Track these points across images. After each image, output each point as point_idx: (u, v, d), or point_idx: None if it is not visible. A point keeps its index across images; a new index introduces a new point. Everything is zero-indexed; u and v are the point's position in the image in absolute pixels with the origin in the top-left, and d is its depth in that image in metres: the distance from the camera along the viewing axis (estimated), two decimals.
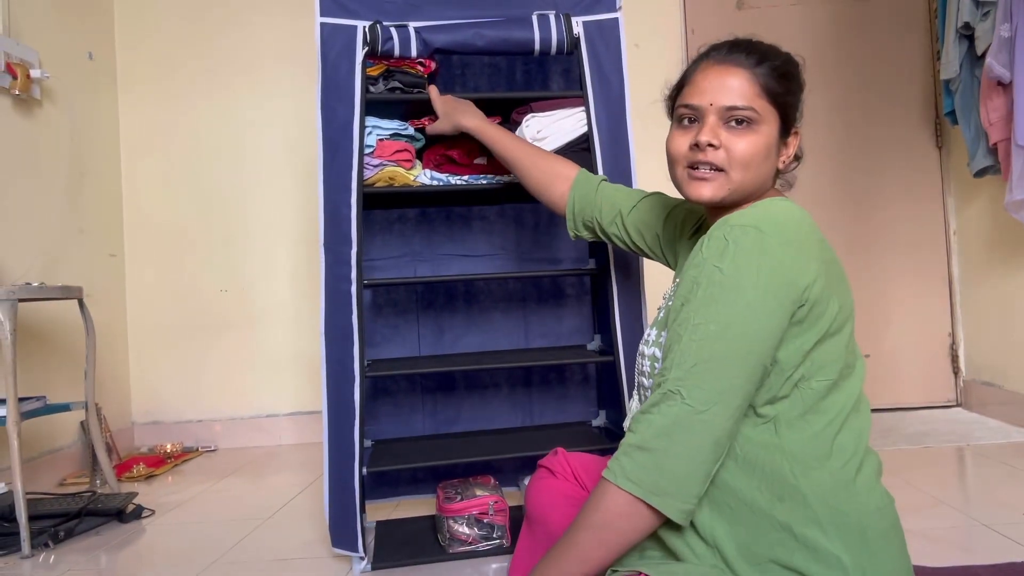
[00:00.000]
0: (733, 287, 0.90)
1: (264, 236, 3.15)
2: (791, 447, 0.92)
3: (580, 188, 1.47)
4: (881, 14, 3.14)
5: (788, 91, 1.02)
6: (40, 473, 2.44)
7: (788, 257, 0.91)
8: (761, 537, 0.92)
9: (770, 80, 1.00)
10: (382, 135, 1.72)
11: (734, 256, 0.90)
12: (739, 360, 0.89)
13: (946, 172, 3.13)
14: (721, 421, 0.88)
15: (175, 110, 3.14)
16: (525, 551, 1.24)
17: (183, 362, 3.12)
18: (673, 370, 0.91)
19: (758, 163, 1.01)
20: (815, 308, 0.92)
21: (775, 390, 0.93)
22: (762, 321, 0.89)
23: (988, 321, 2.92)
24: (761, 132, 1.00)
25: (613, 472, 0.91)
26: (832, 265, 0.96)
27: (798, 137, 1.06)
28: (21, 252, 2.46)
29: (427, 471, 2.01)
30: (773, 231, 0.92)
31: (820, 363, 0.93)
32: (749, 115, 0.99)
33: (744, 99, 0.99)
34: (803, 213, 0.98)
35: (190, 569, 1.70)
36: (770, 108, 1.01)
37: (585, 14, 1.72)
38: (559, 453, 1.33)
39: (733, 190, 1.02)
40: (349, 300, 1.62)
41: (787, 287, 0.90)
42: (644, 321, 1.74)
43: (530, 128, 1.74)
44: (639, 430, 0.91)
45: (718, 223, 0.97)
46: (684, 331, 0.91)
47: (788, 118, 1.03)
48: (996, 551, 1.56)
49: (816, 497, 0.91)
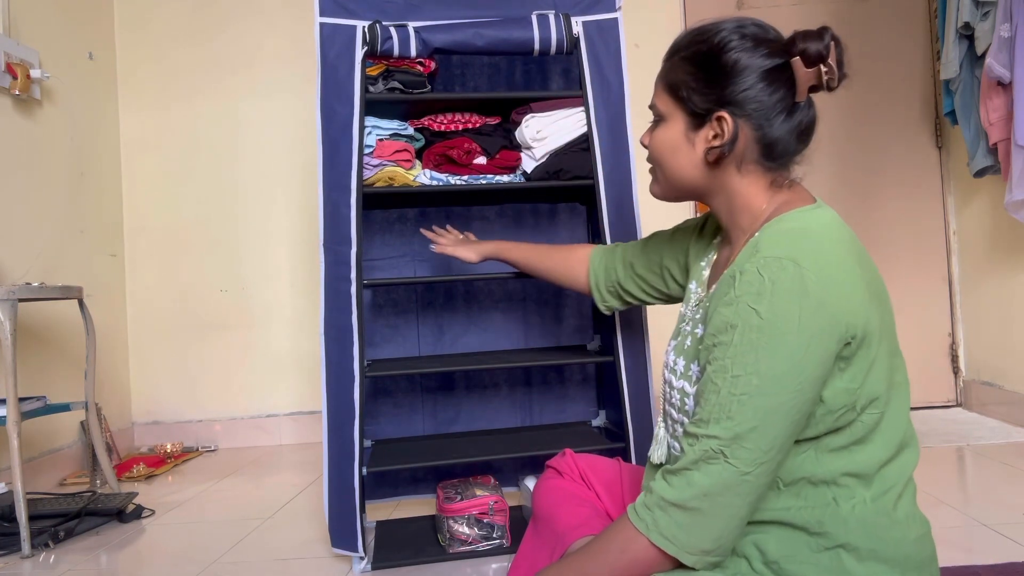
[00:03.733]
0: (773, 334, 0.82)
1: (264, 236, 3.15)
2: (833, 474, 0.89)
3: (596, 261, 1.45)
4: (881, 14, 3.15)
5: (686, 78, 0.96)
6: (40, 473, 2.44)
7: (831, 294, 0.83)
8: (794, 555, 0.89)
9: (671, 73, 0.98)
10: (382, 135, 1.72)
11: (772, 297, 0.83)
12: (784, 415, 0.83)
13: (946, 172, 3.13)
14: (766, 479, 0.85)
15: (175, 110, 3.14)
16: (529, 549, 1.24)
17: (183, 362, 3.12)
18: (711, 425, 0.84)
19: (666, 158, 1.01)
20: (865, 342, 0.86)
21: (823, 427, 0.88)
22: (808, 370, 0.82)
23: (988, 321, 2.92)
24: (665, 127, 1.00)
25: (644, 523, 0.87)
26: (873, 282, 0.91)
27: (723, 122, 0.94)
28: (21, 252, 2.46)
29: (427, 471, 2.01)
30: (812, 263, 0.84)
31: (870, 395, 0.88)
32: (656, 112, 1.01)
33: (653, 97, 1.02)
34: (839, 227, 0.91)
35: (190, 569, 1.70)
36: (670, 101, 0.99)
37: (585, 14, 1.72)
38: (567, 454, 1.33)
39: (664, 186, 1.05)
40: (349, 300, 1.62)
41: (832, 328, 0.83)
42: (644, 321, 1.74)
43: (530, 128, 1.74)
44: (679, 487, 0.85)
45: (747, 249, 0.90)
46: (722, 382, 0.85)
47: (697, 108, 0.95)
48: (996, 551, 1.56)
49: (856, 523, 0.88)
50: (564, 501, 1.21)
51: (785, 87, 0.93)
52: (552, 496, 1.24)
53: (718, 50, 0.94)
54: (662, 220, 1.90)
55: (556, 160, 1.75)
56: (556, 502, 1.21)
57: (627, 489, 1.24)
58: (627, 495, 1.23)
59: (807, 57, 0.92)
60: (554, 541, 1.14)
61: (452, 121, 1.80)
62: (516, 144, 1.80)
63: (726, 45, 0.94)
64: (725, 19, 0.97)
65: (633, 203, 1.74)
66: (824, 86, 0.93)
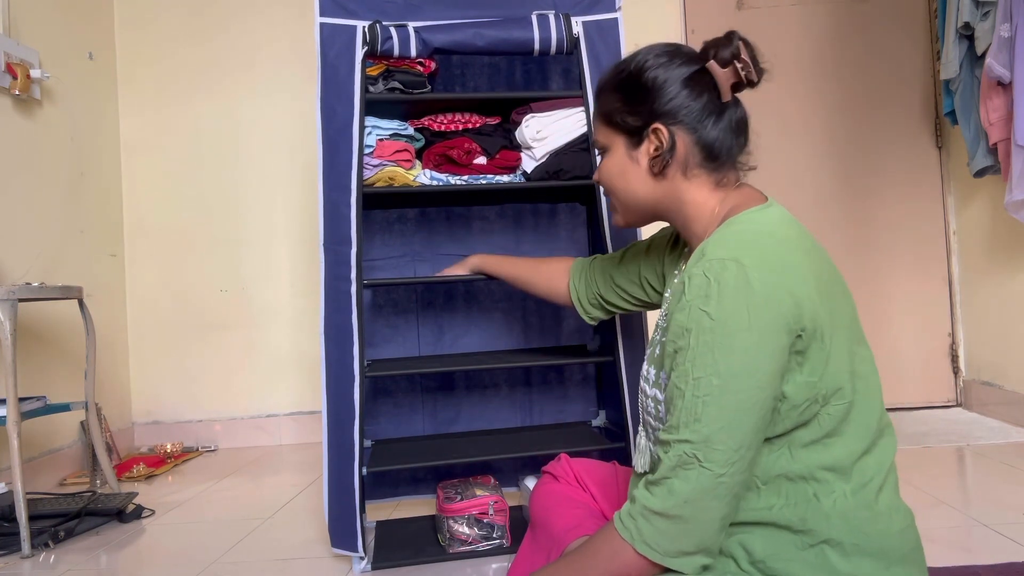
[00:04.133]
0: (725, 333, 0.85)
1: (264, 236, 3.15)
2: (810, 469, 0.90)
3: (576, 274, 1.47)
4: (881, 14, 3.14)
5: (623, 104, 1.03)
6: (40, 473, 2.44)
7: (775, 288, 0.86)
8: (779, 553, 0.90)
9: (603, 105, 1.06)
10: (382, 135, 1.72)
11: (719, 297, 0.85)
12: (748, 412, 0.85)
13: (946, 172, 3.13)
14: (740, 477, 0.86)
15: (175, 110, 3.14)
16: (527, 553, 1.24)
17: (183, 362, 3.12)
18: (682, 429, 0.86)
19: (616, 184, 1.07)
20: (816, 334, 0.88)
21: (790, 423, 0.89)
22: (764, 365, 0.85)
23: (988, 321, 2.92)
24: (610, 155, 1.07)
25: (629, 532, 0.89)
26: (824, 274, 0.92)
27: (660, 131, 0.99)
28: (21, 252, 2.46)
29: (427, 471, 2.01)
30: (754, 261, 0.87)
31: (832, 386, 0.90)
32: (599, 146, 1.08)
33: (595, 135, 1.10)
34: (785, 224, 0.94)
35: (190, 569, 1.70)
36: (608, 131, 1.06)
37: (585, 14, 1.72)
38: (562, 459, 1.34)
39: (623, 212, 1.10)
40: (349, 300, 1.62)
41: (781, 320, 0.85)
42: (644, 321, 1.75)
43: (530, 128, 1.74)
44: (660, 496, 0.87)
45: (696, 254, 0.93)
46: (685, 386, 0.87)
47: (632, 128, 1.02)
48: (996, 551, 1.56)
49: (839, 518, 0.89)
50: (559, 504, 1.21)
51: (708, 90, 0.99)
52: (548, 500, 1.24)
53: (637, 72, 1.01)
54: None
55: (556, 160, 1.75)
56: (552, 506, 1.22)
57: (623, 491, 1.24)
58: (623, 497, 1.23)
59: (720, 59, 0.97)
60: (550, 544, 1.15)
61: (452, 121, 1.80)
62: (516, 144, 1.80)
63: (643, 66, 1.01)
64: (639, 49, 1.04)
65: None
66: (745, 82, 0.98)
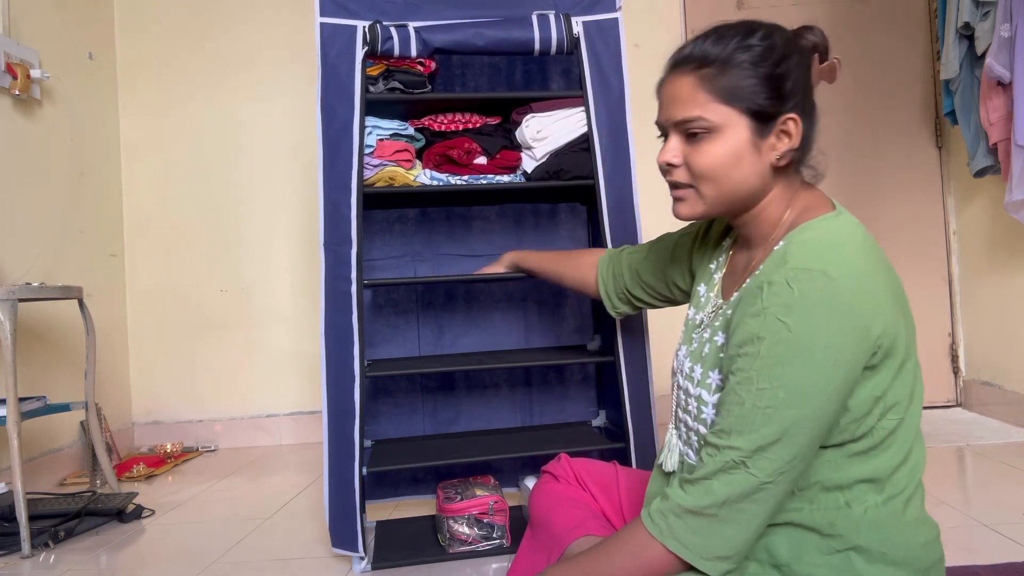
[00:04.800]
0: (803, 348, 0.81)
1: (264, 236, 3.15)
2: (849, 480, 0.89)
3: (604, 266, 1.43)
4: (881, 14, 3.14)
5: (758, 84, 0.89)
6: (40, 473, 2.44)
7: (862, 306, 0.82)
8: (804, 557, 0.89)
9: (722, 77, 0.89)
10: (382, 135, 1.72)
11: (801, 311, 0.81)
12: (810, 427, 0.82)
13: (946, 172, 3.13)
14: (785, 487, 0.85)
15: (175, 110, 3.14)
16: (527, 553, 1.24)
17: (183, 362, 3.12)
18: (733, 436, 0.84)
19: (727, 172, 0.91)
20: (892, 350, 0.86)
21: (846, 435, 0.87)
22: (835, 382, 0.82)
23: (988, 321, 2.92)
24: (723, 139, 0.90)
25: (659, 529, 0.87)
26: (897, 287, 0.89)
27: (795, 123, 0.91)
28: (21, 252, 2.46)
29: (427, 471, 2.01)
30: (843, 274, 0.82)
31: (892, 401, 0.88)
32: (702, 125, 0.90)
33: (693, 108, 0.90)
34: (864, 235, 0.89)
35: (190, 569, 1.70)
36: (727, 109, 0.89)
37: (585, 14, 1.72)
38: (562, 458, 1.33)
39: (711, 204, 0.94)
40: (349, 300, 1.62)
41: (862, 339, 0.82)
42: (644, 321, 1.74)
43: (530, 128, 1.74)
44: (696, 495, 0.85)
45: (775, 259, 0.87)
46: (746, 394, 0.83)
47: (763, 113, 0.90)
48: (996, 551, 1.56)
49: (869, 526, 0.87)
50: (559, 504, 1.21)
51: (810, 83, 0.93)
52: (548, 500, 1.23)
53: (782, 51, 0.90)
54: (662, 220, 1.90)
55: (556, 160, 1.75)
56: (552, 506, 1.21)
57: (623, 492, 1.24)
58: (624, 498, 1.23)
59: (820, 51, 0.94)
60: (551, 544, 1.14)
61: (452, 121, 1.80)
62: (516, 144, 1.80)
63: (785, 43, 0.91)
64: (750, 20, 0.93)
65: (633, 203, 1.74)
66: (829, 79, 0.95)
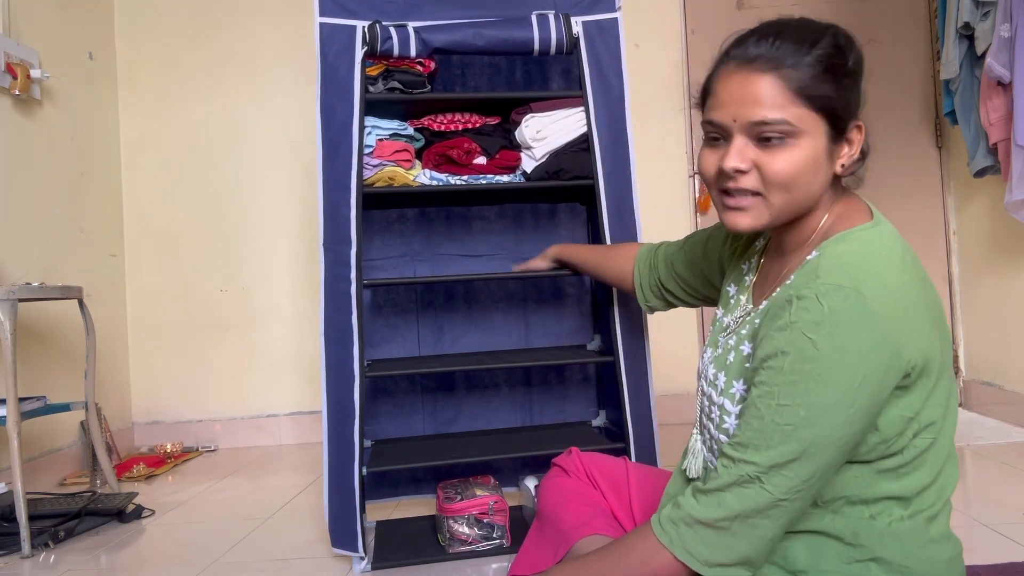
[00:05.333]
0: (828, 366, 0.77)
1: (264, 236, 3.15)
2: (875, 496, 0.87)
3: (642, 259, 1.41)
4: (881, 14, 3.14)
5: (833, 86, 0.84)
6: (40, 473, 2.44)
7: (895, 328, 0.78)
8: (822, 565, 0.88)
9: (806, 79, 0.83)
10: (381, 135, 1.72)
11: (831, 329, 0.77)
12: (829, 448, 0.80)
13: (946, 172, 3.13)
14: (801, 504, 0.83)
15: (175, 110, 3.14)
16: (532, 546, 1.23)
17: (183, 362, 3.12)
18: (750, 451, 0.82)
19: (805, 180, 0.85)
20: (926, 371, 0.83)
21: (876, 454, 0.85)
22: (859, 403, 0.78)
23: (988, 321, 2.92)
24: (802, 145, 0.84)
25: (669, 537, 0.86)
26: (936, 304, 0.85)
27: (861, 131, 0.88)
28: (21, 252, 2.46)
29: (427, 471, 2.01)
30: (876, 293, 0.78)
31: (926, 421, 0.85)
32: (784, 128, 0.83)
33: (774, 110, 0.83)
34: (903, 250, 0.85)
35: (190, 569, 1.70)
36: (810, 114, 0.83)
37: (584, 14, 1.72)
38: (573, 452, 1.32)
39: (776, 215, 0.88)
40: (349, 300, 1.62)
41: (892, 362, 0.79)
42: (644, 321, 1.74)
43: (529, 128, 1.74)
44: (708, 507, 0.84)
45: (806, 272, 0.84)
46: (766, 409, 0.81)
47: (839, 118, 0.85)
48: (996, 551, 1.56)
49: (892, 539, 0.86)
50: (568, 500, 1.20)
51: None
52: (557, 495, 1.23)
53: (843, 53, 0.86)
54: (662, 220, 1.91)
55: (556, 160, 1.75)
56: (561, 501, 1.21)
57: (633, 489, 1.23)
58: (633, 495, 1.22)
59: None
60: (558, 540, 1.14)
61: (452, 121, 1.80)
62: (516, 144, 1.80)
63: (851, 46, 0.88)
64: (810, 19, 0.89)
65: (633, 203, 1.74)
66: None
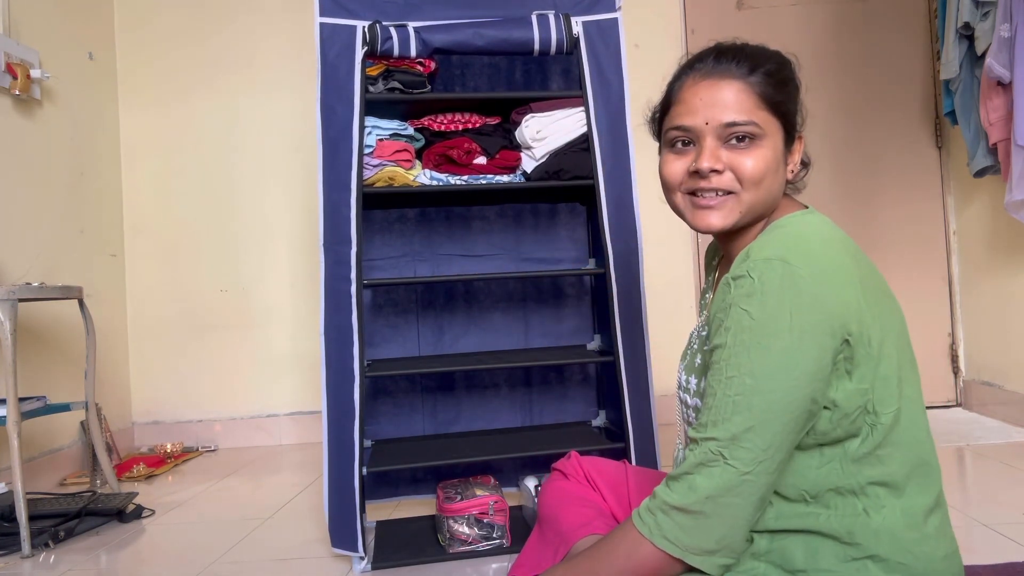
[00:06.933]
0: (765, 333, 0.83)
1: (264, 236, 3.15)
2: (861, 484, 0.89)
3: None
4: (881, 14, 3.14)
5: (787, 96, 0.96)
6: (40, 473, 2.44)
7: (822, 290, 0.84)
8: (820, 564, 0.89)
9: (767, 87, 0.93)
10: (382, 135, 1.72)
11: (762, 297, 0.84)
12: (780, 413, 0.83)
13: (946, 172, 3.13)
14: (766, 478, 0.85)
15: (175, 110, 3.14)
16: (533, 549, 1.24)
17: (183, 362, 3.12)
18: (710, 428, 0.86)
19: (771, 179, 0.94)
20: (863, 339, 0.86)
21: (841, 431, 0.88)
22: (801, 367, 0.83)
23: (988, 321, 2.92)
24: (766, 145, 0.93)
25: (648, 527, 0.88)
26: (870, 280, 0.90)
27: (802, 142, 1.00)
28: (21, 252, 2.46)
29: (427, 471, 2.01)
30: (802, 261, 0.85)
31: (882, 393, 0.88)
32: (752, 130, 0.92)
33: (743, 112, 0.92)
34: (830, 228, 0.92)
35: (190, 569, 1.70)
36: (771, 118, 0.94)
37: (585, 14, 1.72)
38: (572, 456, 1.33)
39: (744, 212, 0.95)
40: (349, 300, 1.62)
41: (825, 324, 0.83)
42: (644, 321, 1.75)
43: (529, 128, 1.74)
44: (680, 492, 0.86)
45: (740, 257, 0.90)
46: (718, 385, 0.86)
47: (790, 125, 0.97)
48: (996, 551, 1.56)
49: (887, 536, 0.87)
50: (568, 502, 1.21)
51: None
52: (556, 498, 1.23)
53: (791, 70, 0.98)
54: (662, 220, 1.91)
55: (556, 160, 1.75)
56: (560, 503, 1.21)
57: (633, 491, 1.23)
58: (633, 497, 1.22)
59: None
60: (558, 542, 1.14)
61: (452, 121, 1.80)
62: (516, 144, 1.80)
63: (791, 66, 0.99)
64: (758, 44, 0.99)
65: (633, 203, 1.74)
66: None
